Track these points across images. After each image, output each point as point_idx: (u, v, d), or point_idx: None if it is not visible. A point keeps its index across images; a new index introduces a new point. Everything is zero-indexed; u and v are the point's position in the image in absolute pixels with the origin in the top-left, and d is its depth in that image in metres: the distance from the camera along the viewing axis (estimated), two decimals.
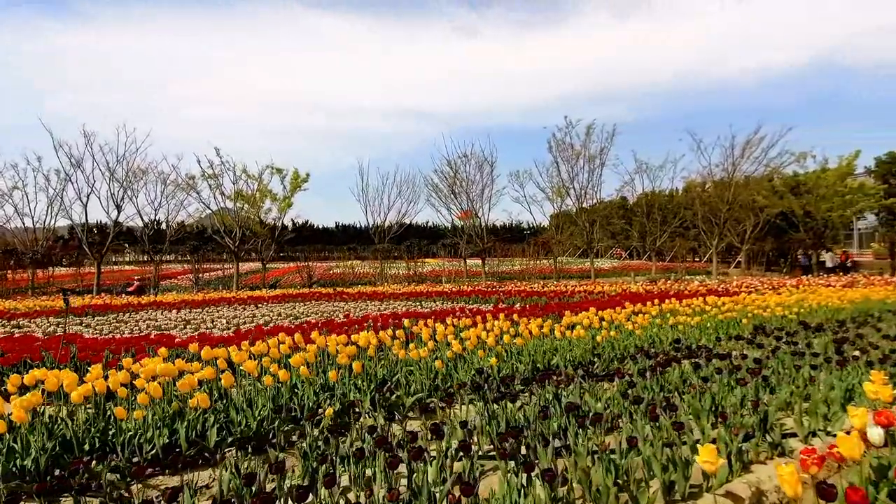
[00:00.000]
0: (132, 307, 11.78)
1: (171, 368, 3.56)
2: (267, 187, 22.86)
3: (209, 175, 22.14)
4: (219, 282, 24.58)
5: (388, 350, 4.61)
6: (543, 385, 3.60)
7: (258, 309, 10.79)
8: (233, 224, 22.57)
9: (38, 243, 23.41)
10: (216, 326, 7.72)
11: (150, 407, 3.21)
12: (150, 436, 3.02)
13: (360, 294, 14.17)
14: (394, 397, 3.91)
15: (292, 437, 3.30)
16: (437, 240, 39.74)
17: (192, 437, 3.10)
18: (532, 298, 11.59)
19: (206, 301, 12.74)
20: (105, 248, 23.07)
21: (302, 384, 3.84)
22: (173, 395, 3.42)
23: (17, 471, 2.66)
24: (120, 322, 8.92)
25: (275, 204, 23.19)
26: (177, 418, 3.21)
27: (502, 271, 26.96)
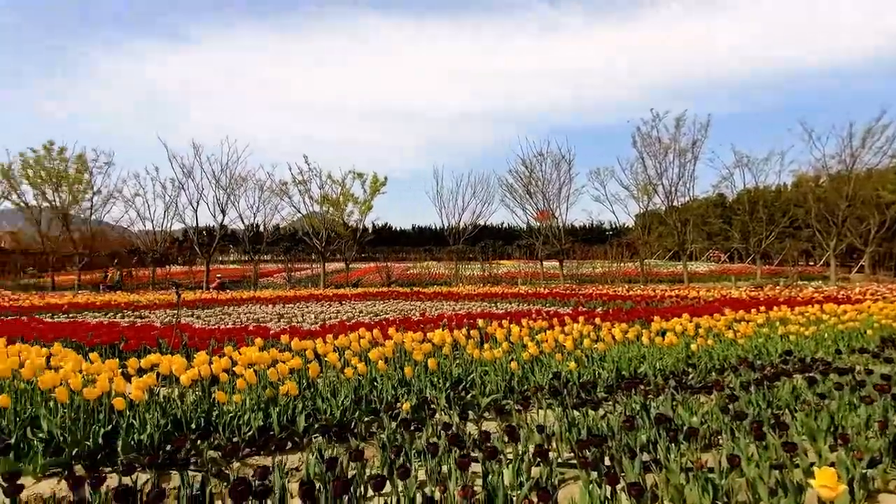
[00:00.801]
0: (235, 302, 12.98)
1: (264, 357, 3.84)
2: (349, 191, 24.16)
3: (299, 181, 23.88)
4: (308, 280, 26.34)
5: (462, 349, 4.61)
6: (629, 394, 3.38)
7: (342, 306, 11.38)
8: (319, 226, 24.10)
9: (157, 244, 26.72)
10: (305, 321, 8.25)
11: (247, 392, 3.48)
12: (247, 418, 3.27)
13: (435, 294, 14.41)
14: (469, 396, 3.90)
15: (372, 428, 3.41)
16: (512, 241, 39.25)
17: (284, 421, 3.31)
18: (615, 302, 11.00)
19: (297, 297, 13.70)
20: (212, 249, 25.72)
21: (381, 378, 3.96)
22: (267, 382, 3.68)
23: (135, 444, 3.01)
24: (224, 314, 9.87)
25: (356, 207, 24.43)
26: (270, 404, 3.45)
27: (582, 274, 25.91)
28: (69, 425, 3.07)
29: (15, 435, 3.04)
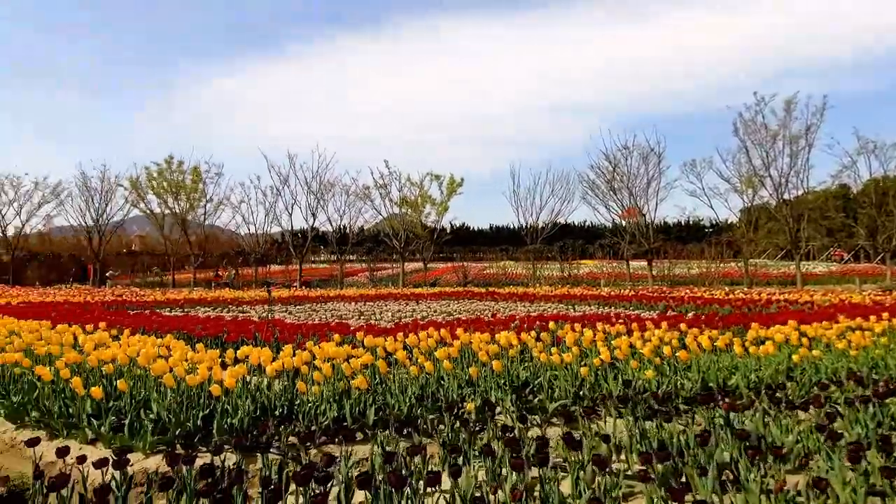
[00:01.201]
0: (322, 299, 13.90)
1: (340, 352, 4.08)
2: (427, 193, 24.74)
3: (380, 185, 24.93)
4: (389, 279, 27.42)
5: (530, 352, 4.54)
6: (711, 406, 3.11)
7: (418, 305, 11.70)
8: (399, 227, 24.98)
9: (258, 245, 29.41)
10: (383, 318, 8.62)
11: (324, 384, 3.72)
12: (323, 409, 3.50)
13: (510, 294, 14.28)
14: (536, 401, 3.83)
15: (437, 426, 3.49)
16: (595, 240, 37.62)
17: (356, 413, 3.50)
18: (711, 307, 10.10)
19: (377, 296, 14.34)
20: (305, 250, 27.73)
21: (447, 377, 4.03)
22: (342, 375, 3.91)
23: (228, 428, 3.35)
24: (313, 311, 10.62)
25: (434, 208, 24.97)
26: (344, 396, 3.66)
27: (674, 275, 23.93)
28: (174, 408, 3.50)
29: (129, 415, 3.52)
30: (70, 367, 4.12)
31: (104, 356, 4.26)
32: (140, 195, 28.81)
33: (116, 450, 2.38)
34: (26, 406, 3.99)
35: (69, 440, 3.48)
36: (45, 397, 3.91)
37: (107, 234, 30.66)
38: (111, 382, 3.92)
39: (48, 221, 31.14)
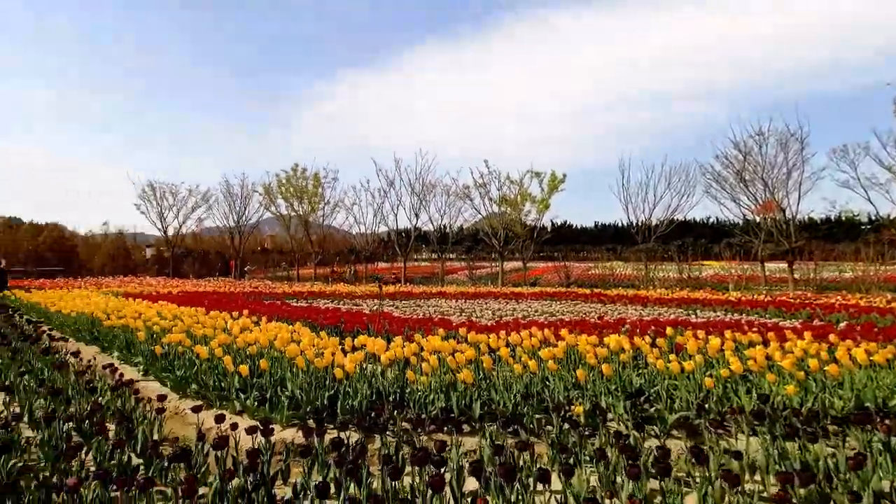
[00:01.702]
0: (425, 295, 14.45)
1: (446, 346, 4.23)
2: (527, 191, 24.37)
3: (479, 184, 25.14)
4: (488, 277, 27.58)
5: (644, 358, 4.27)
6: (870, 429, 2.67)
7: (518, 304, 11.61)
8: (498, 226, 24.96)
9: (367, 244, 31.49)
10: (483, 316, 8.71)
11: (431, 375, 3.89)
12: (431, 398, 3.67)
13: (619, 297, 13.48)
14: (652, 410, 3.60)
15: (542, 426, 3.46)
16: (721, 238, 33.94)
17: (462, 406, 3.61)
18: (869, 317, 8.59)
19: (477, 294, 14.51)
20: (408, 248, 29.02)
21: (553, 378, 3.96)
22: (448, 368, 4.05)
23: (349, 408, 3.66)
24: (417, 306, 11.10)
25: (534, 206, 24.51)
26: (451, 388, 3.79)
27: (822, 279, 20.55)
28: (305, 387, 3.92)
29: (269, 392, 4.02)
30: (221, 347, 4.81)
31: (248, 339, 4.91)
32: (271, 199, 32.52)
33: (261, 420, 2.74)
34: (188, 379, 4.74)
35: (221, 410, 4.06)
36: (203, 372, 4.62)
37: (245, 234, 35.14)
38: (254, 362, 4.49)
39: (199, 223, 36.50)
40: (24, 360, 4.96)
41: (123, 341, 6.31)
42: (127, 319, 6.63)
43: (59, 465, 2.57)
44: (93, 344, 7.04)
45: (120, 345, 6.33)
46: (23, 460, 2.72)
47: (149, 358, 5.50)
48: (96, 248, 33.84)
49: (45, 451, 2.77)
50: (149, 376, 5.26)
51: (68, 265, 30.02)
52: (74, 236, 34.56)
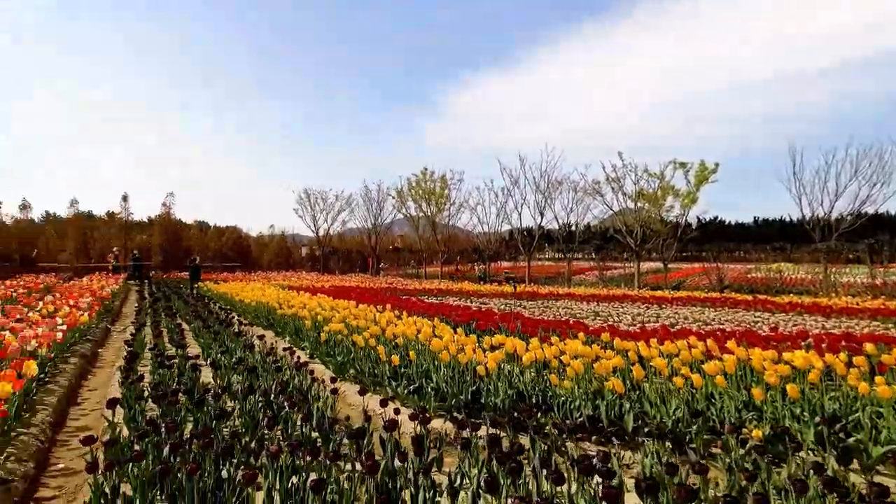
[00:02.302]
0: (552, 296, 14.10)
1: (589, 351, 4.05)
2: (669, 184, 22.21)
3: (612, 179, 23.61)
4: (621, 279, 25.84)
5: (838, 379, 3.59)
6: None
7: (661, 309, 10.65)
8: (633, 223, 23.17)
9: (490, 243, 31.80)
10: (622, 321, 8.17)
11: (574, 380, 3.76)
12: (577, 405, 3.55)
13: (791, 305, 11.53)
14: (851, 440, 3.02)
15: (710, 447, 3.12)
16: None
17: (612, 416, 3.42)
18: None
19: (610, 296, 13.68)
20: (532, 247, 28.59)
21: (720, 395, 3.55)
22: (593, 375, 3.88)
23: (492, 405, 3.72)
24: (545, 307, 10.87)
25: (677, 200, 22.24)
26: (597, 396, 3.62)
27: None
28: (448, 381, 4.09)
29: (419, 382, 4.28)
30: (373, 337, 5.26)
31: (396, 331, 5.30)
32: (402, 202, 34.78)
33: (417, 408, 2.92)
34: (346, 364, 5.28)
35: (374, 395, 4.44)
36: (359, 359, 5.11)
37: (380, 235, 38.15)
38: (402, 353, 4.83)
39: (343, 225, 40.47)
40: (222, 341, 6.01)
41: (293, 328, 7.29)
42: (295, 309, 7.64)
43: (256, 432, 3.05)
44: (268, 329, 8.26)
45: (290, 331, 7.33)
46: (229, 426, 3.28)
47: (314, 343, 6.26)
48: (264, 247, 39.64)
49: (244, 420, 3.32)
50: (314, 359, 5.99)
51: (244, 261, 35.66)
52: (248, 237, 40.90)
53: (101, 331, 8.08)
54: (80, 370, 5.54)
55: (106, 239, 28.74)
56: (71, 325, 6.23)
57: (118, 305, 12.57)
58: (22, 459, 2.90)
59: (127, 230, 30.44)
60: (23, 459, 2.91)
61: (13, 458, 2.85)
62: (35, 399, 3.99)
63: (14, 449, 2.96)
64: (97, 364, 6.19)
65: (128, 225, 30.85)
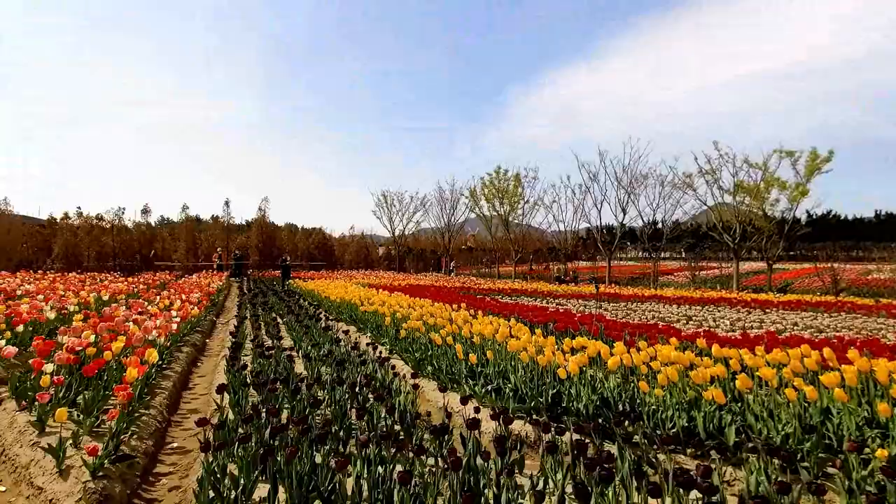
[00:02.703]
0: (637, 298, 13.33)
1: (683, 358, 3.76)
2: (773, 175, 20.06)
3: (706, 171, 21.80)
4: (715, 281, 23.83)
5: None
6: None
7: (766, 314, 9.64)
8: (731, 219, 21.20)
9: (566, 242, 30.80)
10: (719, 326, 7.52)
11: (666, 388, 3.51)
12: (669, 414, 3.31)
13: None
14: None
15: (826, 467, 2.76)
16: None
17: (710, 428, 3.16)
18: None
19: (704, 299, 12.65)
20: (613, 246, 27.28)
21: (838, 411, 3.13)
22: (687, 384, 3.60)
23: (574, 410, 3.58)
24: (630, 310, 10.31)
25: (783, 193, 20.01)
26: (692, 406, 3.36)
27: None
28: (527, 382, 4.01)
29: (496, 381, 4.25)
30: (450, 335, 5.31)
31: (473, 330, 5.31)
32: (475, 201, 34.86)
33: (499, 409, 2.89)
34: (424, 361, 5.39)
35: (452, 393, 4.48)
36: (436, 357, 5.19)
37: (453, 234, 38.58)
38: (477, 351, 4.83)
39: (417, 225, 41.48)
40: (312, 334, 6.40)
41: (374, 324, 7.59)
42: (376, 306, 7.95)
43: (344, 422, 3.20)
44: (352, 324, 8.67)
45: (371, 327, 7.64)
46: (321, 415, 3.48)
47: (392, 340, 6.47)
48: (345, 247, 41.79)
49: (333, 409, 3.50)
50: (393, 355, 6.19)
51: (328, 260, 37.90)
52: (331, 238, 43.36)
53: (208, 323, 8.99)
54: (191, 358, 6.19)
55: (210, 240, 31.91)
56: (184, 317, 6.99)
57: (222, 300, 13.90)
58: (143, 438, 3.28)
59: (228, 232, 33.57)
60: (144, 438, 3.29)
61: (136, 437, 3.22)
62: (154, 383, 4.49)
63: (136, 428, 3.34)
64: (206, 353, 6.89)
65: (229, 227, 34.01)
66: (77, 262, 26.47)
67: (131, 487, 2.70)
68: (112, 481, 2.57)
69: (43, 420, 3.14)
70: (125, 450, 2.89)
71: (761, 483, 2.20)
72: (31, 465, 2.77)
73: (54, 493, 2.46)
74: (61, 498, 2.41)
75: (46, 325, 6.04)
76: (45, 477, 2.61)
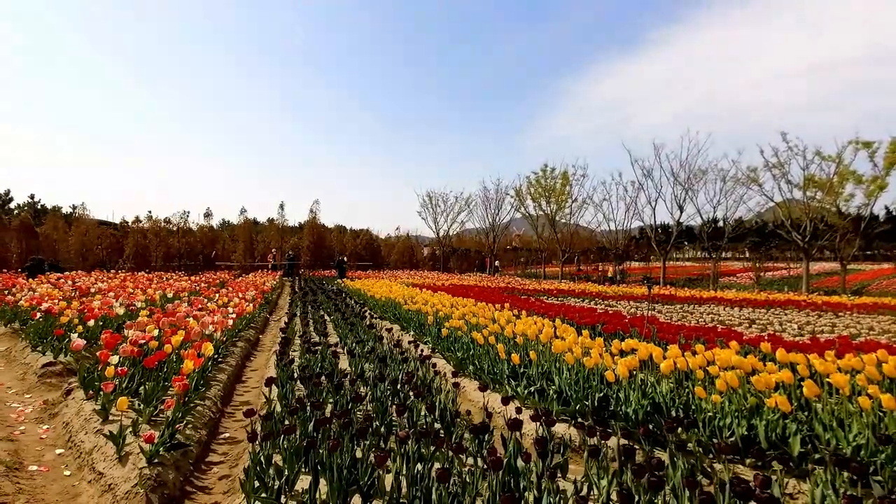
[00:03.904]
0: (694, 300, 12.65)
1: (745, 362, 3.51)
2: (848, 168, 18.44)
3: (773, 164, 20.36)
4: (783, 282, 22.21)
5: None
6: None
7: (838, 318, 8.86)
8: (801, 216, 19.67)
9: (617, 242, 29.71)
10: (785, 330, 6.97)
11: (725, 394, 3.28)
12: (728, 422, 3.09)
13: None
14: None
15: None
16: None
17: (772, 438, 2.92)
18: None
19: (769, 301, 11.81)
20: (669, 246, 26.06)
21: None
22: (747, 390, 3.35)
23: (622, 415, 3.42)
24: (686, 312, 9.78)
25: (860, 188, 18.36)
26: (753, 414, 3.12)
27: None
28: (572, 384, 3.88)
29: (539, 383, 4.13)
30: (493, 335, 5.24)
31: (516, 330, 5.21)
32: (521, 201, 34.41)
33: (542, 410, 2.80)
34: (466, 360, 5.34)
35: (493, 393, 4.41)
36: (478, 356, 5.13)
37: (498, 234, 38.28)
38: (521, 352, 4.72)
39: (462, 225, 41.48)
40: (356, 332, 6.53)
41: (417, 323, 7.64)
42: (419, 305, 8.00)
43: (385, 417, 3.22)
44: (395, 323, 8.78)
45: (414, 325, 7.69)
46: (363, 410, 3.51)
47: (435, 338, 6.48)
48: (391, 248, 42.54)
49: (375, 405, 3.53)
50: (435, 353, 6.19)
51: (375, 260, 38.74)
52: (378, 238, 44.27)
53: (261, 319, 9.39)
54: (245, 352, 6.48)
55: (266, 241, 33.46)
56: (239, 313, 7.33)
57: (275, 298, 14.50)
58: (198, 427, 3.44)
59: (282, 233, 35.06)
60: (198, 427, 3.45)
61: (191, 426, 3.38)
62: (209, 376, 4.72)
63: (192, 418, 3.51)
64: (258, 348, 7.19)
65: (283, 229, 35.50)
66: (146, 263, 28.53)
67: (184, 475, 2.83)
68: (166, 468, 2.71)
69: (106, 409, 3.37)
70: (180, 438, 3.04)
71: (827, 497, 2.00)
72: (94, 451, 2.97)
73: (113, 478, 2.62)
74: (119, 483, 2.56)
75: (115, 321, 6.51)
76: (105, 462, 2.79)
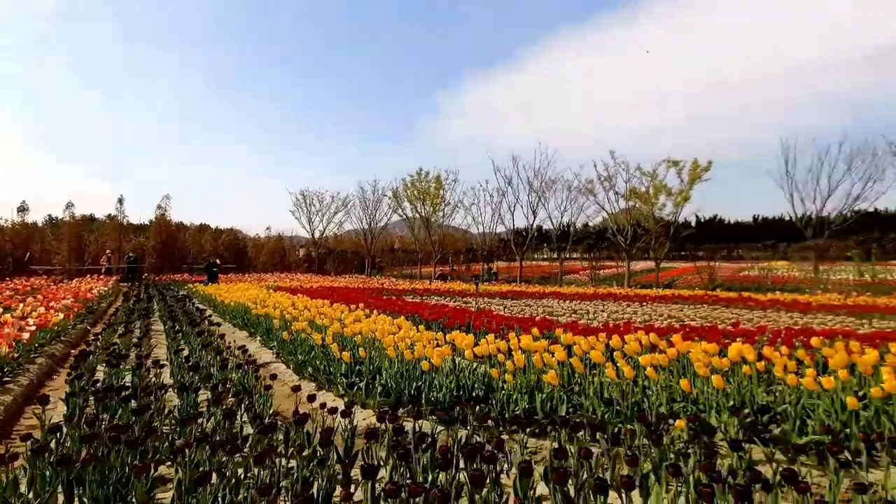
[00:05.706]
0: (537, 295, 14.13)
1: (537, 345, 4.09)
2: (661, 182, 22.23)
3: (603, 178, 23.65)
4: (612, 279, 25.85)
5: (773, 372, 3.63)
6: None
7: (642, 307, 10.68)
8: (624, 222, 23.19)
9: (485, 244, 31.86)
10: (596, 318, 8.20)
11: (516, 374, 3.80)
12: (514, 398, 3.59)
13: (772, 302, 11.59)
14: (778, 430, 3.06)
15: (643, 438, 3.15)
16: None
17: (547, 409, 3.46)
18: None
19: (596, 295, 13.70)
20: (525, 247, 28.67)
21: (655, 388, 3.58)
22: (534, 369, 3.91)
23: (433, 400, 3.76)
24: (526, 306, 10.90)
25: (670, 199, 22.25)
26: (536, 390, 3.66)
27: None
28: (396, 377, 4.13)
29: (366, 379, 4.31)
30: (334, 335, 5.30)
31: (356, 329, 5.34)
32: (398, 202, 34.87)
33: (347, 402, 2.96)
34: (305, 363, 5.32)
35: (328, 392, 4.48)
36: (317, 357, 5.15)
37: (376, 235, 38.23)
38: (356, 350, 4.87)
39: (339, 226, 40.59)
40: (189, 340, 6.05)
41: (265, 328, 7.33)
42: (268, 309, 7.68)
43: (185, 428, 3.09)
44: (244, 329, 8.31)
45: (262, 330, 7.37)
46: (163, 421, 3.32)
47: (280, 342, 6.30)
48: (261, 249, 39.70)
49: (179, 416, 3.36)
50: (279, 358, 6.04)
51: (240, 262, 35.77)
52: (245, 238, 41.01)
53: (79, 332, 8.14)
54: (46, 370, 5.59)
55: (101, 242, 28.85)
56: (41, 325, 6.29)
57: (105, 307, 12.63)
58: None
59: (123, 233, 30.54)
60: None
61: None
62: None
63: None
64: (67, 364, 6.24)
65: (123, 227, 30.94)
66: None
67: None
68: None
69: None
70: None
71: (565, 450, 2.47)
72: None
73: None
74: None
75: None
76: None
